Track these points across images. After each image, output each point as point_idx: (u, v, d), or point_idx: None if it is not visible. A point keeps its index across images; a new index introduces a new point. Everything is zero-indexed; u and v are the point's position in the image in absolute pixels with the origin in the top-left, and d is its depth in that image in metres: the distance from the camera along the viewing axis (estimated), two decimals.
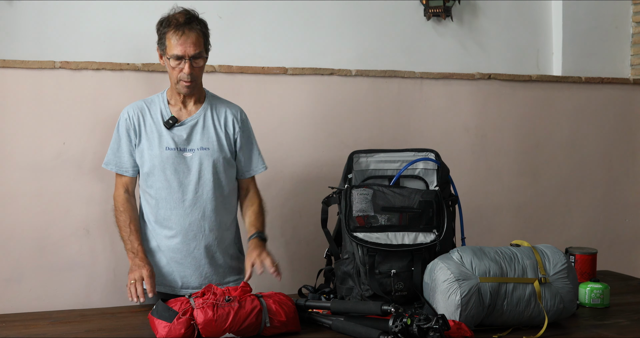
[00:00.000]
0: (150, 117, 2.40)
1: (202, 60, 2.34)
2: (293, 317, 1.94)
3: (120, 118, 2.43)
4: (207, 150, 2.38)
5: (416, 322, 1.77)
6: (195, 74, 2.33)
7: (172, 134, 2.37)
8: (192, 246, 2.39)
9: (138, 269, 2.26)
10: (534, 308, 1.98)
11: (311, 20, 3.22)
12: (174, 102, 2.42)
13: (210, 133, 2.40)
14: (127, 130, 2.40)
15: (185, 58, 2.28)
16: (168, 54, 2.30)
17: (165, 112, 2.40)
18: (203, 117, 2.41)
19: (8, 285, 2.82)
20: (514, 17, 3.58)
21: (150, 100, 2.45)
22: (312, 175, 3.19)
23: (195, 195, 2.38)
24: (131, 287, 2.21)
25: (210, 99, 2.46)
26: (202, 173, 2.38)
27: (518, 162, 3.58)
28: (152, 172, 2.38)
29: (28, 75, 2.80)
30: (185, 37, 2.27)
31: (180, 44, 2.27)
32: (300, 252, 3.20)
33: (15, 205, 2.81)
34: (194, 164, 2.38)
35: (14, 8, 2.81)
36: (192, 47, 2.28)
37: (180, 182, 2.37)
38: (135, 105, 2.44)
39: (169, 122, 2.37)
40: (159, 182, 2.38)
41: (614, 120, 3.74)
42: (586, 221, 3.71)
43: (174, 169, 2.36)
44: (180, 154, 2.37)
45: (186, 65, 2.29)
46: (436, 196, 2.25)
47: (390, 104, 3.34)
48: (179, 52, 2.27)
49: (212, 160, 2.38)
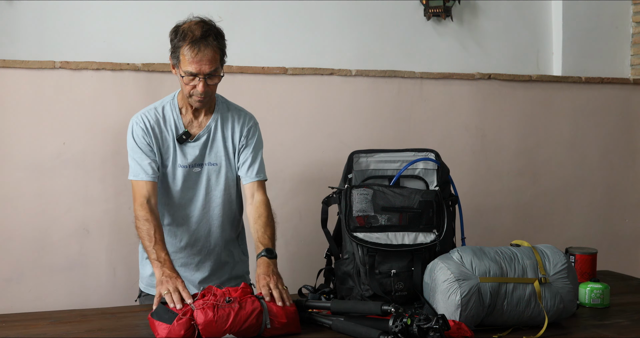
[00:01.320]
0: (165, 130, 2.27)
1: (217, 78, 2.19)
2: (294, 318, 1.93)
3: (135, 127, 2.26)
4: (215, 165, 2.31)
5: (416, 322, 1.77)
6: (210, 90, 2.20)
7: (184, 150, 2.28)
8: (197, 260, 2.37)
9: (171, 280, 2.01)
10: (534, 308, 1.98)
11: (311, 20, 3.22)
12: (184, 111, 2.30)
13: (219, 148, 2.31)
14: (144, 138, 2.25)
15: (200, 76, 2.14)
16: (182, 70, 2.15)
17: (178, 124, 2.28)
18: (213, 131, 2.31)
19: (8, 285, 2.82)
20: (514, 17, 3.58)
21: (162, 108, 2.30)
22: (312, 175, 3.19)
23: (202, 211, 2.33)
24: (166, 296, 1.95)
25: (221, 108, 2.34)
26: (209, 189, 2.32)
27: (518, 162, 3.58)
28: (161, 187, 2.30)
29: (28, 75, 2.80)
30: (201, 55, 2.11)
31: (196, 62, 2.12)
32: (300, 252, 3.20)
33: (15, 205, 2.81)
34: (202, 179, 2.31)
35: (14, 8, 2.81)
36: (208, 65, 2.13)
37: (188, 198, 2.32)
38: (150, 114, 2.28)
39: (182, 138, 2.26)
40: (166, 197, 2.32)
41: (614, 120, 3.74)
42: (586, 221, 3.71)
43: (182, 185, 2.30)
44: (190, 170, 2.29)
45: (200, 84, 2.14)
46: (436, 196, 2.25)
47: (390, 104, 3.34)
48: (193, 70, 2.12)
49: (220, 175, 2.32)
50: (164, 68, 2.93)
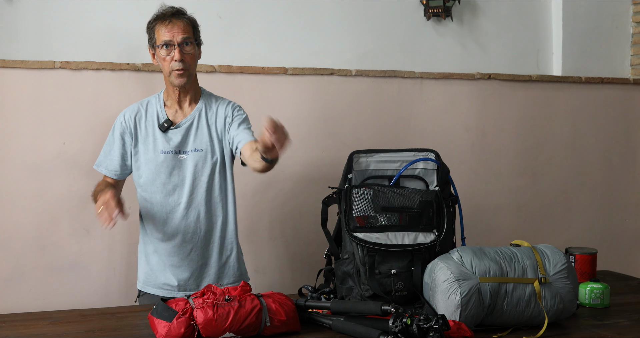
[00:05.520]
0: (145, 120, 2.40)
1: (191, 47, 2.33)
2: (293, 316, 1.94)
3: (117, 121, 2.43)
4: (200, 151, 2.38)
5: (416, 322, 1.77)
6: (187, 62, 2.32)
7: (167, 137, 2.37)
8: (189, 248, 2.39)
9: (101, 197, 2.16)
10: (534, 308, 1.98)
11: (311, 20, 3.22)
12: (169, 104, 2.42)
13: (204, 134, 2.39)
14: (122, 134, 2.40)
15: (174, 44, 2.29)
16: (158, 43, 2.32)
17: (161, 114, 2.40)
18: (197, 118, 2.40)
19: (8, 285, 2.82)
20: (514, 17, 3.58)
21: (147, 101, 2.45)
22: (312, 175, 3.19)
23: (190, 198, 2.38)
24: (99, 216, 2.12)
25: (206, 99, 2.45)
26: (196, 175, 2.37)
27: (518, 162, 3.58)
28: (148, 176, 2.38)
29: (28, 75, 2.80)
30: (172, 25, 2.31)
31: (168, 31, 2.30)
32: (300, 252, 3.20)
33: (16, 205, 2.81)
34: (188, 166, 2.37)
35: (14, 8, 2.81)
36: (180, 33, 2.30)
37: (175, 184, 2.37)
38: (132, 108, 2.44)
39: (164, 125, 2.37)
40: (154, 185, 2.38)
41: (614, 120, 3.74)
42: (586, 221, 3.71)
43: (168, 172, 2.36)
44: (175, 156, 2.37)
45: (176, 52, 2.29)
46: (436, 196, 2.25)
47: (390, 104, 3.34)
48: (167, 37, 2.30)
49: (207, 161, 2.38)
50: None
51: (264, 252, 3.15)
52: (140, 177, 2.40)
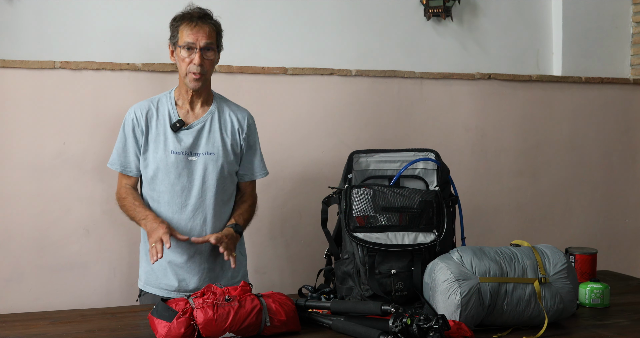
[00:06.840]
0: (157, 118, 2.37)
1: (212, 53, 2.34)
2: (293, 316, 1.94)
3: (127, 117, 2.39)
4: (212, 155, 2.36)
5: (416, 322, 1.77)
6: (206, 67, 2.32)
7: (178, 137, 2.35)
8: (193, 251, 2.38)
9: (155, 232, 2.22)
10: (534, 308, 1.98)
11: (311, 20, 3.22)
12: (181, 104, 2.40)
13: (216, 138, 2.38)
14: (134, 130, 2.37)
15: (197, 47, 2.29)
16: (180, 44, 2.31)
17: (172, 114, 2.37)
18: (210, 121, 2.39)
19: (8, 285, 2.82)
20: (514, 17, 3.58)
21: (157, 99, 2.41)
22: (312, 175, 3.19)
23: (198, 200, 2.36)
24: (151, 250, 2.18)
25: (218, 102, 2.44)
26: (206, 178, 2.36)
27: (518, 162, 3.58)
28: (156, 175, 2.36)
29: (28, 75, 2.80)
30: (198, 28, 2.30)
31: (193, 34, 2.30)
32: (300, 252, 3.20)
33: (15, 205, 2.81)
34: (198, 168, 2.35)
35: (14, 8, 2.81)
36: (205, 37, 2.30)
37: (183, 186, 2.35)
38: (143, 105, 2.40)
39: (176, 126, 2.34)
40: (162, 185, 2.36)
41: (614, 120, 3.74)
42: (586, 221, 3.71)
43: (178, 173, 2.34)
44: (185, 157, 2.35)
45: (197, 56, 2.29)
46: (436, 196, 2.25)
47: (390, 103, 3.34)
48: (190, 39, 2.29)
49: (217, 165, 2.36)
50: (164, 68, 2.93)
51: (264, 252, 3.15)
52: (148, 175, 2.38)
